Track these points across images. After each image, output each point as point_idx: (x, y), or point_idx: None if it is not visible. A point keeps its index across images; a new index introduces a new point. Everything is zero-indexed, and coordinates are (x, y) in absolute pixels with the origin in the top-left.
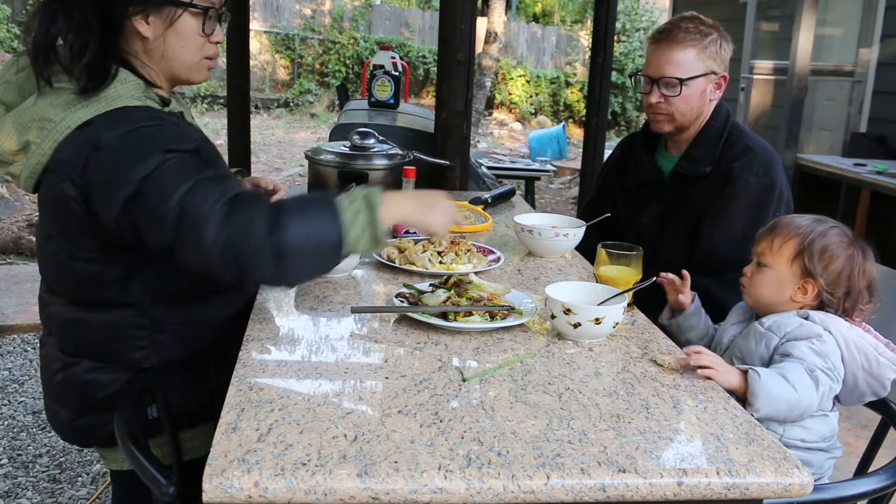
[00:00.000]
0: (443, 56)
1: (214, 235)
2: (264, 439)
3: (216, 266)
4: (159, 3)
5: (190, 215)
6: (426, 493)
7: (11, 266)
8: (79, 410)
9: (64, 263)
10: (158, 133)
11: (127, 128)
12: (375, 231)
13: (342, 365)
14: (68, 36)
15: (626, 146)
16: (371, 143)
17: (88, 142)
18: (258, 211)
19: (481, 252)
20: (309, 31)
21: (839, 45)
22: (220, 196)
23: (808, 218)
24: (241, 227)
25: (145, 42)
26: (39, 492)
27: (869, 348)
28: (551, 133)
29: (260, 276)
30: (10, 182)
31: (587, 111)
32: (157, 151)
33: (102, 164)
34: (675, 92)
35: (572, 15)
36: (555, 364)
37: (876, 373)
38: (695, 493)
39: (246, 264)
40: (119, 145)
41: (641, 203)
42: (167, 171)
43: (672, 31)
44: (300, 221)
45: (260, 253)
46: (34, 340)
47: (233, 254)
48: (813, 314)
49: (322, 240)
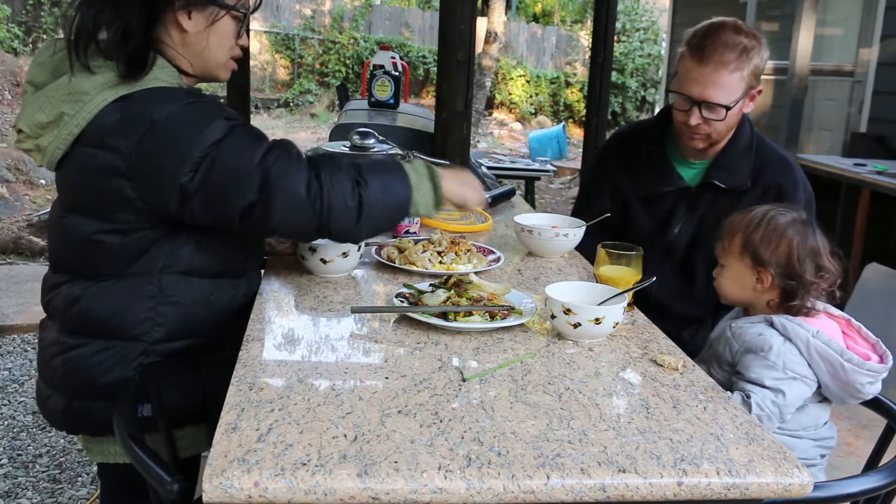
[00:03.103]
0: (443, 56)
1: (307, 188)
2: (264, 439)
3: (307, 217)
4: (205, 2)
5: (279, 174)
6: (426, 493)
7: (11, 266)
8: (73, 395)
9: (84, 238)
10: (212, 104)
11: (181, 103)
12: (437, 196)
13: (342, 365)
14: (113, 24)
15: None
16: (371, 143)
17: (141, 117)
18: (342, 166)
19: (481, 252)
20: (309, 31)
21: (839, 45)
22: (298, 155)
23: (755, 209)
24: (332, 180)
25: (184, 35)
26: (39, 492)
27: (833, 355)
28: (551, 133)
29: (342, 227)
30: (10, 182)
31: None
32: (220, 118)
33: (163, 136)
34: (719, 116)
35: (572, 15)
36: (555, 364)
37: (844, 379)
38: (695, 493)
39: (332, 216)
40: (179, 118)
41: (667, 214)
42: (240, 135)
43: (718, 51)
44: (378, 180)
45: (348, 205)
46: (34, 340)
47: (325, 205)
48: (777, 320)
49: (395, 198)
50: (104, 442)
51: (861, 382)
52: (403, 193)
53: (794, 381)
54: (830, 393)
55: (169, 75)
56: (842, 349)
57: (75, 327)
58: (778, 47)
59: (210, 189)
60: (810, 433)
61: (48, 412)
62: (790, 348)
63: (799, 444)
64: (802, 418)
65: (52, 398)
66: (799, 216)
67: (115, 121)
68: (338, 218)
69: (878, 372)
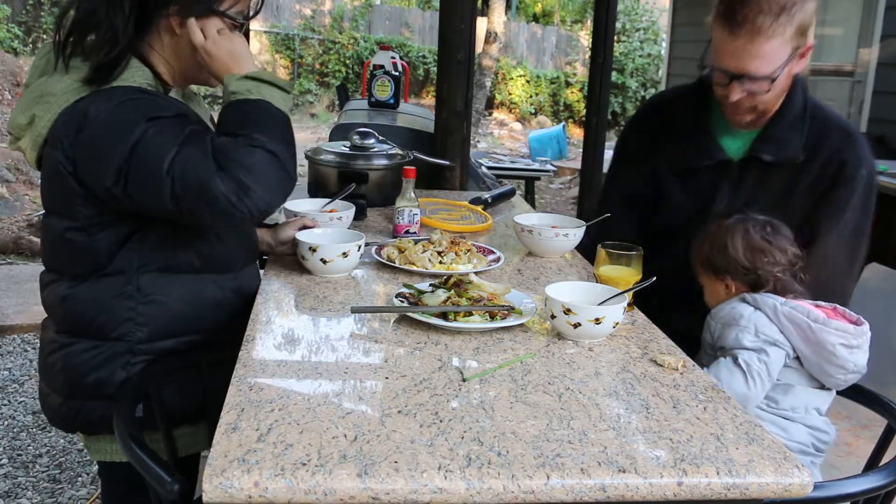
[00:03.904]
0: (443, 56)
1: (224, 188)
2: (264, 439)
3: (238, 214)
4: (199, 10)
5: (188, 181)
6: (426, 493)
7: (11, 266)
8: (68, 394)
9: (59, 237)
10: (141, 103)
11: (115, 101)
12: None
13: (342, 365)
14: (103, 25)
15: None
16: (371, 143)
17: (79, 115)
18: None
19: (481, 252)
20: (309, 31)
21: (839, 45)
22: (205, 151)
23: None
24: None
25: (175, 39)
26: (39, 492)
27: (799, 317)
28: (551, 133)
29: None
30: (10, 182)
31: (587, 111)
32: (142, 120)
33: (92, 135)
34: (763, 88)
35: (572, 15)
36: (555, 364)
37: (814, 339)
38: (695, 493)
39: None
40: (106, 118)
41: (707, 190)
42: (153, 138)
43: (751, 17)
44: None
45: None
46: (34, 340)
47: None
48: (749, 295)
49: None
50: (101, 440)
51: (832, 343)
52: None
53: (769, 345)
54: (810, 364)
55: (139, 77)
56: (807, 310)
57: (66, 326)
58: None
59: (133, 193)
60: (801, 416)
61: (48, 410)
62: (760, 316)
63: (791, 427)
64: (790, 399)
65: (50, 396)
66: (738, 219)
67: (65, 121)
68: (270, 187)
69: (846, 332)
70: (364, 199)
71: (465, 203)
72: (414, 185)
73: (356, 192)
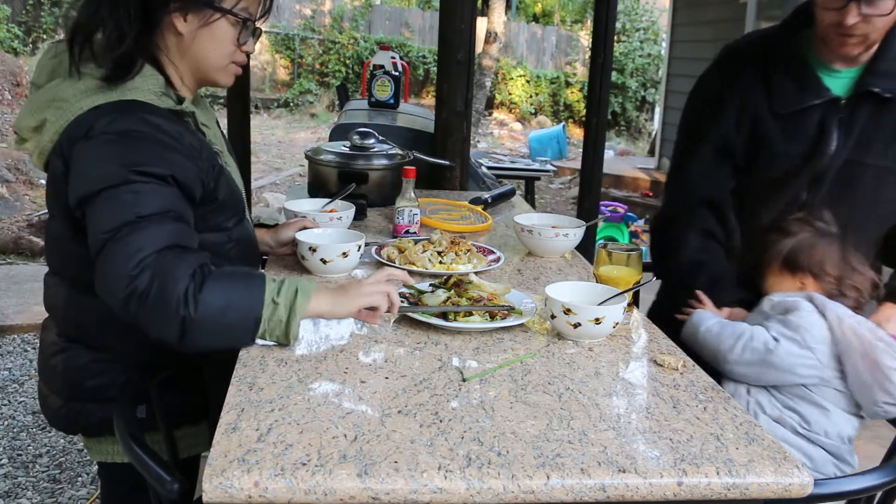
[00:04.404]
0: (443, 56)
1: (127, 284)
2: (264, 439)
3: (118, 308)
4: (200, 5)
5: (113, 254)
6: (426, 493)
7: (11, 266)
8: (68, 397)
9: (62, 243)
10: (143, 147)
11: (120, 127)
12: (289, 331)
13: (342, 365)
14: (108, 25)
15: (752, 57)
16: (371, 143)
17: (86, 125)
18: (179, 278)
19: (481, 252)
20: (309, 31)
21: None
22: (153, 241)
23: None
24: (159, 288)
25: (179, 38)
26: (39, 492)
27: (865, 332)
28: (551, 133)
29: (158, 335)
30: (10, 182)
31: (587, 111)
32: (127, 169)
33: (83, 153)
34: (884, 10)
35: (572, 15)
36: (555, 364)
37: (874, 357)
38: (695, 493)
39: (145, 322)
40: (103, 143)
41: (816, 133)
42: (121, 195)
43: None
44: (217, 303)
45: (168, 320)
46: (34, 340)
47: (139, 309)
48: (817, 296)
49: (231, 326)
50: (103, 441)
51: (891, 367)
52: (241, 325)
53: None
54: (859, 384)
55: (151, 84)
56: (873, 327)
57: (68, 330)
58: None
59: (86, 223)
60: (829, 444)
61: (47, 411)
62: (818, 319)
63: (817, 456)
64: (824, 422)
65: (50, 398)
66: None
67: (72, 129)
68: (154, 327)
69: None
70: (364, 199)
71: (465, 203)
72: (414, 185)
73: (356, 192)
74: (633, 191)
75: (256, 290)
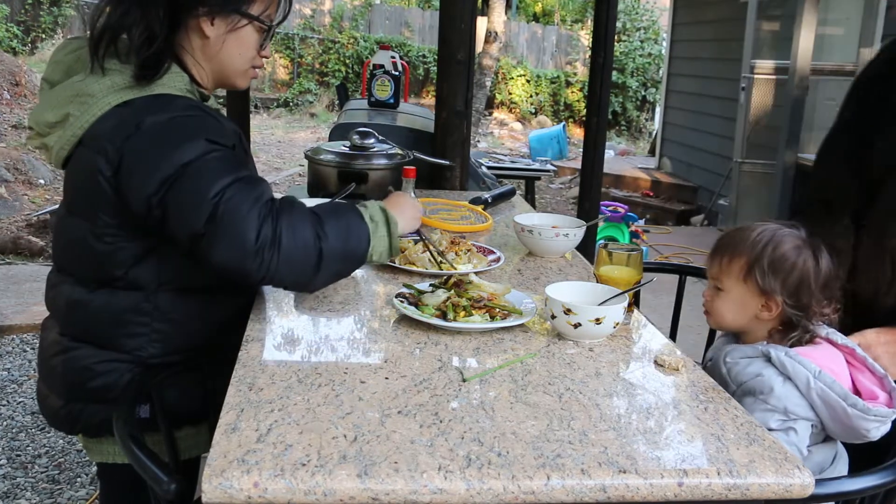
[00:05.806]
0: (443, 56)
1: (257, 235)
2: (264, 440)
3: (250, 265)
4: (228, 10)
5: (230, 211)
6: (426, 494)
7: (11, 266)
8: (69, 397)
9: (80, 240)
10: (203, 122)
11: (172, 113)
12: (392, 244)
13: (342, 365)
14: (139, 27)
15: None
16: (371, 143)
17: (130, 122)
18: (301, 217)
19: (481, 252)
20: (309, 30)
21: (840, 44)
22: (259, 196)
23: (756, 227)
24: (293, 232)
25: (205, 41)
26: (38, 492)
27: (835, 399)
28: (551, 133)
29: (295, 279)
30: (9, 182)
31: (587, 111)
32: (202, 139)
33: (142, 144)
34: None
35: (572, 15)
36: (555, 364)
37: (847, 424)
38: (695, 494)
39: (282, 269)
40: (162, 129)
41: None
42: (210, 162)
43: None
44: (338, 232)
45: (308, 258)
46: (33, 340)
47: (277, 257)
48: (776, 356)
49: (353, 250)
50: (103, 442)
51: (866, 428)
52: (362, 246)
53: (797, 421)
54: (832, 433)
55: (179, 82)
56: (845, 393)
57: (74, 330)
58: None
59: (169, 208)
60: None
61: (47, 411)
62: (791, 390)
63: None
64: (807, 463)
65: (50, 398)
66: (802, 235)
67: (111, 125)
68: (292, 270)
69: (886, 417)
70: (364, 200)
71: (465, 203)
72: (414, 185)
73: (356, 192)
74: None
75: (355, 215)
